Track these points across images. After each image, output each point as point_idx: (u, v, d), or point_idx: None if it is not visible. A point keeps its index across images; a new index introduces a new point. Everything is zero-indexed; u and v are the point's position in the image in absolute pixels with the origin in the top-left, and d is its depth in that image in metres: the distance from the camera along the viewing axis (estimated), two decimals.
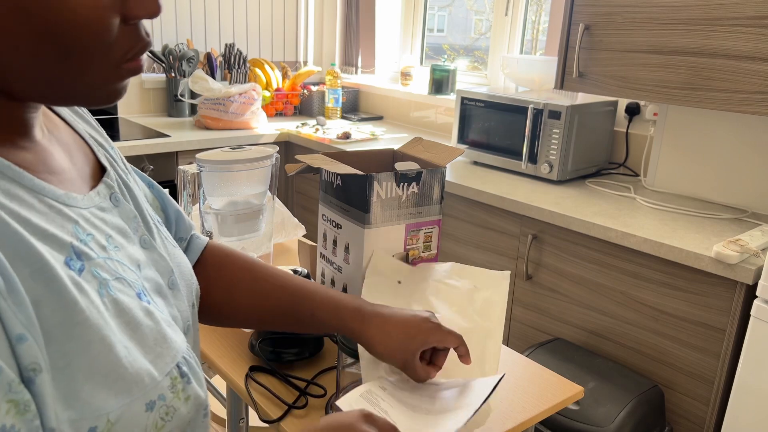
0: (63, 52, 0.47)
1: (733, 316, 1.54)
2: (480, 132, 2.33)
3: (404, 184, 1.04)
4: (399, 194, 1.04)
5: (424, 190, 1.07)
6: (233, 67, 3.07)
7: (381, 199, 1.01)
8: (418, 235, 1.09)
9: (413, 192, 1.05)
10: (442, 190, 1.09)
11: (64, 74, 0.49)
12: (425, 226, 1.09)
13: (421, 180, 1.06)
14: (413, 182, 1.05)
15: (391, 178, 1.03)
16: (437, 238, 1.11)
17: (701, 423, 1.64)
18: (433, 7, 3.36)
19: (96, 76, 0.50)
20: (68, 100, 0.52)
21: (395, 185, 1.03)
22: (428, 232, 1.10)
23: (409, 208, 1.06)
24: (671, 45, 1.79)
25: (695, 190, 2.07)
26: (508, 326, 2.07)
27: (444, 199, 1.10)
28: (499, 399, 1.01)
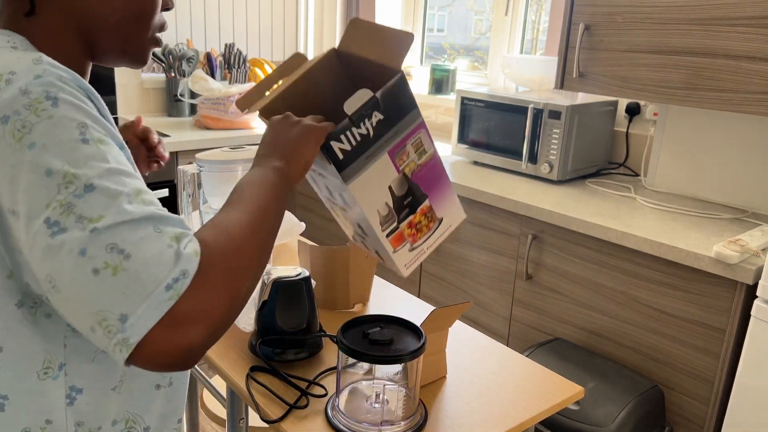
0: (138, 14, 0.73)
1: (734, 316, 1.54)
2: (480, 132, 2.32)
3: (365, 120, 0.91)
4: (364, 133, 0.92)
5: (390, 109, 0.92)
6: (233, 67, 3.07)
7: (347, 150, 0.90)
8: (406, 150, 0.97)
9: (378, 119, 0.92)
10: (410, 93, 0.94)
11: (134, 31, 0.74)
12: (409, 139, 0.97)
13: (380, 105, 0.92)
14: (374, 111, 0.91)
15: (348, 127, 0.89)
16: (428, 137, 0.98)
17: (701, 423, 1.64)
18: (433, 7, 3.35)
19: (146, 39, 0.76)
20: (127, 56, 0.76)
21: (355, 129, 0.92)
22: (415, 141, 0.98)
23: (382, 136, 0.94)
24: (671, 45, 1.78)
25: (695, 190, 2.07)
26: (508, 326, 2.07)
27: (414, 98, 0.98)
28: (499, 399, 1.01)
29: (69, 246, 0.55)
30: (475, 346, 1.18)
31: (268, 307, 1.05)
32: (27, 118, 0.57)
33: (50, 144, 0.57)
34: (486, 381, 1.07)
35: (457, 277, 2.20)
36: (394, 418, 0.94)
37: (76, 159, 0.57)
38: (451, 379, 1.07)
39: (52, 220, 0.55)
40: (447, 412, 0.98)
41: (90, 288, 0.54)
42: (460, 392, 1.03)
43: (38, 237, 0.56)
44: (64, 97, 0.59)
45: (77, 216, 0.55)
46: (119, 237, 0.55)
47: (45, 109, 0.58)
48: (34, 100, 0.58)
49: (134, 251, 0.55)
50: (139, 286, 0.55)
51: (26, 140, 0.57)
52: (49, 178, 0.56)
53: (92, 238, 0.55)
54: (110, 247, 0.55)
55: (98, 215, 0.55)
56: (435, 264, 2.27)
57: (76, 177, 0.56)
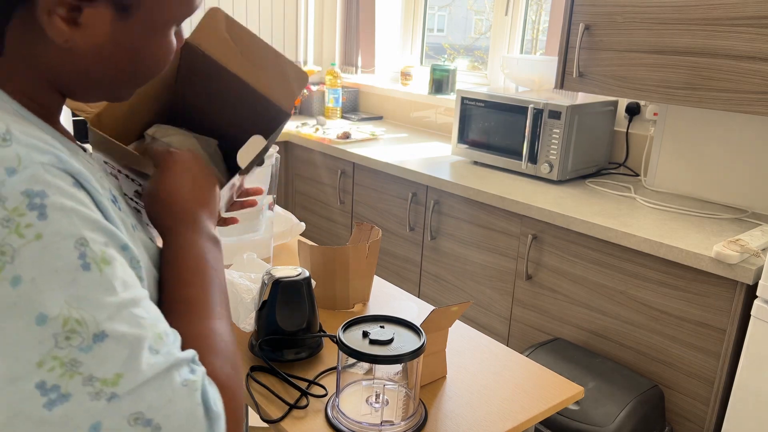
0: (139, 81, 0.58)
1: (734, 316, 1.54)
2: (480, 132, 2.32)
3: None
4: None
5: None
6: None
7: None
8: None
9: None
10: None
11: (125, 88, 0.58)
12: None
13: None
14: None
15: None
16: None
17: (701, 423, 1.64)
18: (433, 7, 3.35)
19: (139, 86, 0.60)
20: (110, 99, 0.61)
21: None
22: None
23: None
24: (671, 45, 1.78)
25: (695, 189, 2.07)
26: (508, 326, 2.07)
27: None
28: (499, 399, 1.01)
29: (76, 421, 0.41)
30: (475, 346, 1.18)
31: (268, 307, 1.05)
32: (7, 241, 0.41)
33: (41, 277, 0.42)
34: (486, 381, 1.07)
35: (457, 277, 2.20)
36: (394, 418, 0.94)
37: (78, 296, 0.43)
38: (451, 379, 1.07)
39: (48, 384, 0.41)
40: (447, 412, 0.98)
41: None
42: (460, 392, 1.03)
43: (25, 407, 0.41)
44: (54, 200, 0.43)
45: (85, 378, 0.42)
46: (144, 403, 0.44)
47: (30, 225, 0.42)
48: (12, 212, 0.42)
49: (164, 421, 0.44)
50: None
51: (7, 273, 0.41)
52: (41, 327, 0.41)
53: (109, 409, 0.42)
54: (134, 419, 0.43)
55: (114, 374, 0.43)
56: (435, 264, 2.27)
57: (81, 323, 0.42)
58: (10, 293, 0.41)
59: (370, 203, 2.51)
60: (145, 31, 0.54)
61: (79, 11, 0.50)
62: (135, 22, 0.53)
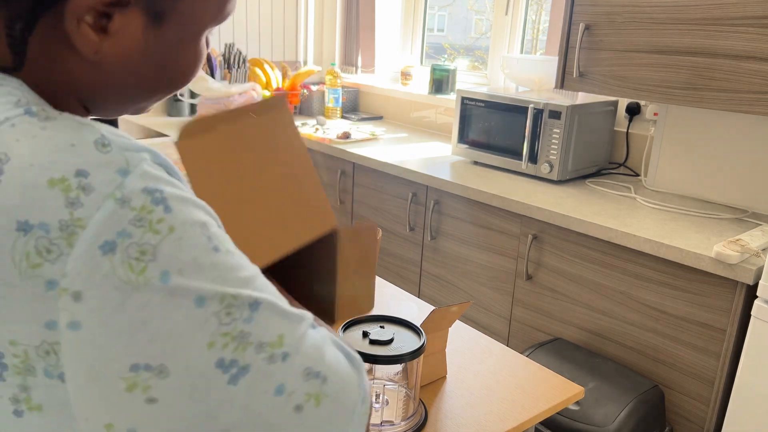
0: (167, 91, 0.54)
1: (734, 316, 1.54)
2: (480, 132, 2.32)
3: None
4: None
5: None
6: (233, 67, 3.07)
7: None
8: None
9: None
10: None
11: (151, 100, 0.55)
12: None
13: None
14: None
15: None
16: None
17: (701, 423, 1.64)
18: (433, 7, 3.35)
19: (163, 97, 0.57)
20: (132, 112, 0.57)
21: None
22: None
23: None
24: (672, 45, 1.78)
25: (695, 190, 2.07)
26: (508, 326, 2.07)
27: None
28: (499, 399, 1.01)
29: (263, 386, 0.43)
30: (475, 346, 1.18)
31: None
32: (144, 240, 0.41)
33: (186, 266, 0.42)
34: (486, 381, 1.07)
35: (457, 277, 2.20)
36: (394, 418, 0.94)
37: (221, 275, 0.43)
38: (451, 379, 1.07)
39: (226, 360, 0.42)
40: (447, 412, 0.98)
41: (293, 428, 0.45)
42: (460, 392, 1.03)
43: (211, 388, 0.42)
44: (170, 192, 0.43)
45: (257, 346, 0.43)
46: (308, 358, 0.46)
47: (161, 219, 0.42)
48: (141, 210, 0.41)
49: (327, 370, 0.47)
50: (343, 409, 0.47)
51: (152, 271, 0.41)
52: (201, 308, 0.42)
53: (286, 369, 0.44)
54: (307, 373, 0.45)
55: (277, 336, 0.44)
56: (435, 264, 2.27)
57: (236, 297, 0.43)
58: (163, 287, 0.41)
59: (370, 203, 2.51)
60: (178, 39, 0.51)
61: (109, 18, 0.47)
62: (167, 29, 0.50)
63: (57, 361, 0.41)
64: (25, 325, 0.40)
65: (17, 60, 0.46)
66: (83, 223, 0.40)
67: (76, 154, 0.41)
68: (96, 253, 0.40)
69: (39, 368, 0.41)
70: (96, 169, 0.41)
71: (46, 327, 0.40)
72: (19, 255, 0.39)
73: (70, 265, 0.39)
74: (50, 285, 0.40)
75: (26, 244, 0.39)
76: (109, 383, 0.41)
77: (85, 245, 0.40)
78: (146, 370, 0.41)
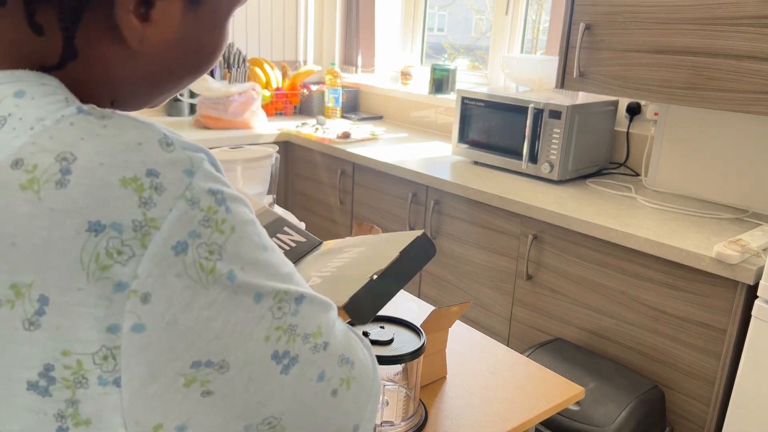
0: (196, 76, 0.54)
1: (734, 317, 1.54)
2: (480, 132, 2.32)
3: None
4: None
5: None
6: (233, 67, 3.07)
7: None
8: None
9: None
10: None
11: (178, 88, 0.55)
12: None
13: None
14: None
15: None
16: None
17: (702, 423, 1.64)
18: (433, 7, 3.35)
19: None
20: (146, 107, 0.57)
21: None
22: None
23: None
24: (672, 45, 1.78)
25: (696, 189, 2.07)
26: (508, 326, 2.07)
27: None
28: (499, 399, 1.01)
29: (308, 374, 0.47)
30: (475, 346, 1.18)
31: None
32: (212, 239, 0.42)
33: (247, 264, 0.44)
34: (486, 381, 1.06)
35: (457, 277, 2.20)
36: (394, 418, 0.93)
37: (273, 272, 0.46)
38: (451, 379, 1.07)
39: (280, 352, 0.45)
40: (447, 412, 0.98)
41: (328, 412, 0.48)
42: (460, 392, 1.03)
43: (266, 379, 0.45)
44: (227, 192, 0.44)
45: (303, 337, 0.47)
46: (340, 345, 0.50)
47: (225, 220, 0.43)
48: (208, 211, 0.42)
49: (353, 355, 0.51)
50: (365, 390, 0.51)
51: (220, 269, 0.42)
52: (259, 304, 0.44)
53: (325, 357, 0.48)
54: (341, 360, 0.49)
55: (317, 327, 0.48)
56: (435, 264, 2.27)
57: (287, 293, 0.46)
58: (228, 285, 0.42)
59: (370, 203, 2.51)
60: (211, 23, 0.51)
61: (151, 6, 0.46)
62: (203, 12, 0.50)
63: (115, 366, 0.40)
64: (84, 332, 0.39)
65: (66, 56, 0.45)
66: (157, 224, 0.40)
67: (144, 153, 0.41)
68: (169, 253, 0.40)
69: (92, 377, 0.40)
70: (165, 168, 0.41)
71: (108, 331, 0.39)
72: (89, 257, 0.38)
73: (142, 267, 0.39)
74: (119, 287, 0.39)
75: (97, 245, 0.38)
76: (168, 381, 0.41)
77: (159, 246, 0.39)
78: (207, 366, 0.42)
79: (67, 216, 0.38)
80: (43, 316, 0.39)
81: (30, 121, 0.41)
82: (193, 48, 0.51)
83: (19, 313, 0.39)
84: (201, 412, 0.43)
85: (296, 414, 0.47)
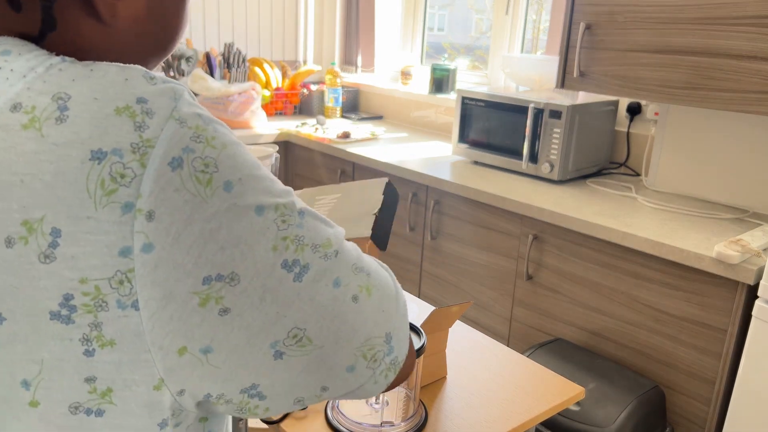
0: (165, 53, 0.57)
1: (735, 317, 1.53)
2: (480, 131, 2.32)
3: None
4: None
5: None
6: (232, 67, 3.07)
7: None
8: None
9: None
10: None
11: (151, 64, 0.56)
12: None
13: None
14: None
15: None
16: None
17: (702, 423, 1.64)
18: (433, 6, 3.35)
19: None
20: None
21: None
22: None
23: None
24: (672, 44, 1.78)
25: (696, 189, 2.06)
26: (508, 326, 2.07)
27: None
28: (500, 400, 1.01)
29: (324, 281, 0.48)
30: (475, 346, 1.18)
31: None
32: (206, 154, 0.44)
33: (244, 176, 0.45)
34: (486, 381, 1.06)
35: (457, 277, 2.20)
36: (394, 418, 0.93)
37: (270, 188, 0.47)
38: (451, 380, 1.07)
39: (289, 261, 0.46)
40: (447, 412, 0.98)
41: (353, 318, 0.50)
42: (460, 393, 1.03)
43: (281, 287, 0.46)
44: (211, 116, 0.47)
45: (312, 246, 0.48)
46: (352, 255, 0.52)
47: (215, 137, 0.45)
48: (197, 129, 0.44)
49: (367, 266, 0.53)
50: (388, 298, 0.53)
51: (217, 180, 0.44)
52: (262, 216, 0.45)
53: (338, 264, 0.49)
54: (355, 268, 0.51)
55: (326, 239, 0.49)
56: (435, 264, 2.26)
57: (287, 206, 0.47)
58: (228, 197, 0.44)
59: None
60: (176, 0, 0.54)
61: None
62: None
63: (131, 290, 0.42)
64: (98, 259, 0.41)
65: (46, 28, 0.47)
66: (152, 143, 0.42)
67: (131, 86, 0.44)
68: (166, 169, 0.42)
69: (111, 301, 0.42)
70: (152, 96, 0.44)
71: (120, 255, 0.41)
72: (94, 184, 0.41)
73: (144, 185, 0.41)
74: (126, 208, 0.41)
75: (101, 172, 0.41)
76: (184, 301, 0.43)
77: (156, 163, 0.42)
78: (218, 280, 0.43)
79: (70, 148, 0.41)
80: (57, 248, 0.41)
81: (22, 71, 0.44)
82: (161, 25, 0.53)
83: (34, 248, 0.41)
84: (222, 332, 0.44)
85: (320, 322, 0.47)
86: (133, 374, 0.44)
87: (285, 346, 0.46)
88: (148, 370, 0.44)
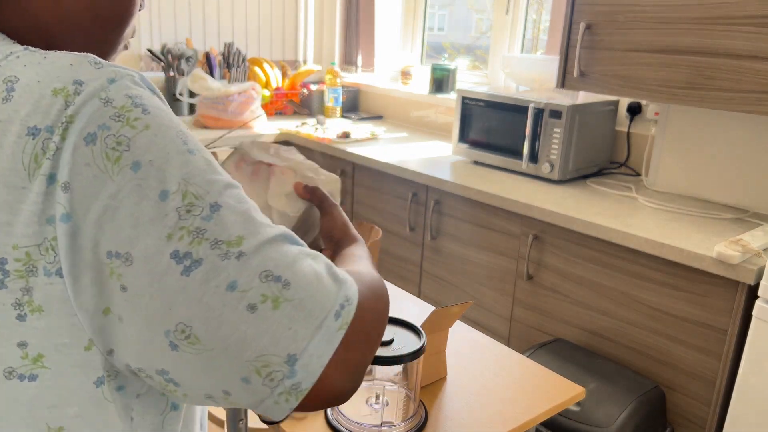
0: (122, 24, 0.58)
1: (735, 317, 1.53)
2: (480, 131, 2.32)
3: None
4: None
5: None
6: (232, 66, 3.07)
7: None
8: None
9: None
10: None
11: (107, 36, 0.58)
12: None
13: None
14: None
15: None
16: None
17: (702, 424, 1.64)
18: (433, 6, 3.35)
19: (116, 48, 0.61)
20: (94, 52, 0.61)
21: None
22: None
23: None
24: (673, 44, 1.78)
25: (697, 189, 2.06)
26: (508, 326, 2.07)
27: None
28: (500, 400, 1.01)
29: (215, 282, 0.45)
30: (475, 346, 1.18)
31: None
32: (121, 132, 0.45)
33: (157, 159, 0.46)
34: (486, 381, 1.06)
35: (457, 277, 2.19)
36: (394, 419, 0.93)
37: (191, 174, 0.47)
38: (451, 380, 1.06)
39: (180, 252, 0.45)
40: (447, 412, 0.98)
41: (245, 328, 0.46)
42: (460, 393, 1.03)
43: (166, 278, 0.45)
44: (150, 101, 0.48)
45: (212, 242, 0.46)
46: (270, 261, 0.47)
47: (138, 118, 0.46)
48: (121, 109, 0.46)
49: (292, 276, 0.48)
50: (308, 317, 0.47)
51: (126, 159, 0.45)
52: (165, 202, 0.45)
53: (240, 267, 0.46)
54: (264, 275, 0.46)
55: (237, 237, 0.47)
56: (435, 264, 2.26)
57: (197, 196, 0.46)
58: (133, 177, 0.45)
59: (370, 203, 2.51)
60: None
61: None
62: None
63: (55, 257, 0.45)
64: (29, 227, 0.44)
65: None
66: (72, 118, 0.45)
67: (74, 70, 0.47)
68: (81, 143, 0.44)
69: (40, 267, 0.45)
70: (89, 78, 0.47)
71: (47, 223, 0.44)
72: (28, 157, 0.44)
73: (63, 158, 0.44)
74: (50, 180, 0.44)
75: (35, 147, 0.44)
76: (98, 270, 0.45)
77: (73, 137, 0.44)
78: (117, 257, 0.45)
79: (10, 124, 0.45)
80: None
81: None
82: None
83: None
84: (126, 308, 0.45)
85: (206, 323, 0.45)
86: (63, 338, 0.46)
87: (177, 339, 0.46)
88: (77, 333, 0.46)
